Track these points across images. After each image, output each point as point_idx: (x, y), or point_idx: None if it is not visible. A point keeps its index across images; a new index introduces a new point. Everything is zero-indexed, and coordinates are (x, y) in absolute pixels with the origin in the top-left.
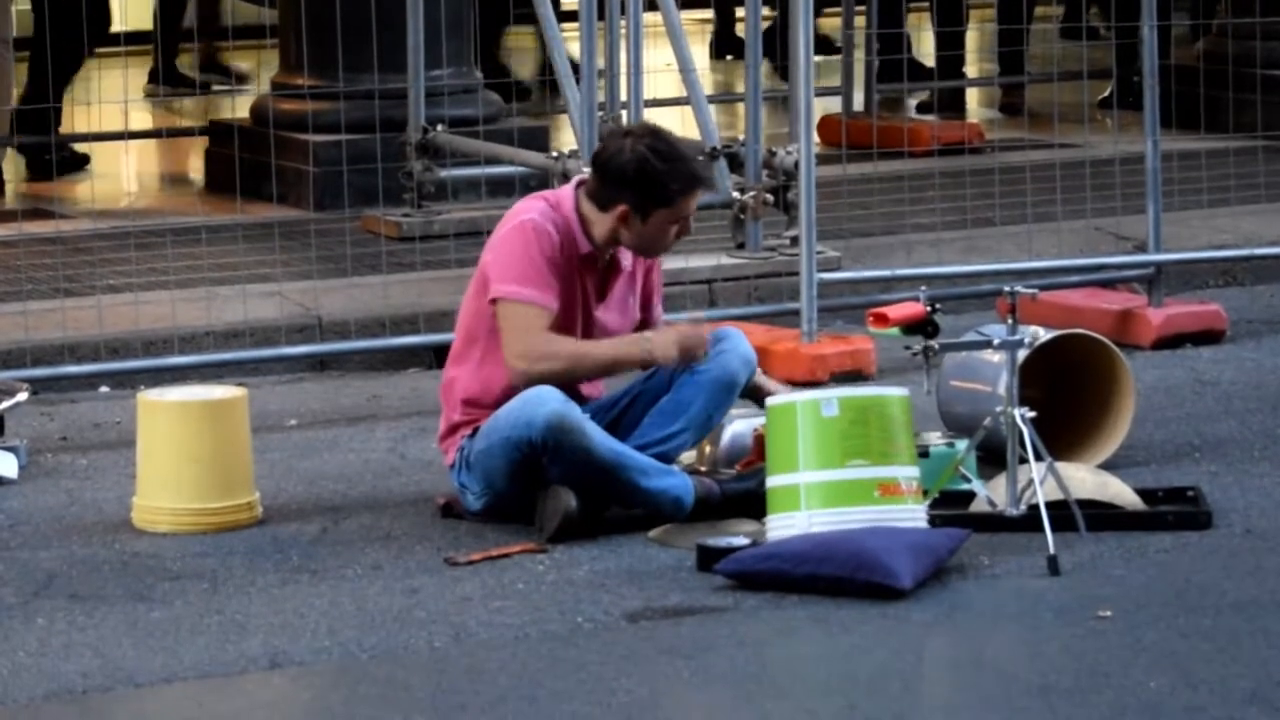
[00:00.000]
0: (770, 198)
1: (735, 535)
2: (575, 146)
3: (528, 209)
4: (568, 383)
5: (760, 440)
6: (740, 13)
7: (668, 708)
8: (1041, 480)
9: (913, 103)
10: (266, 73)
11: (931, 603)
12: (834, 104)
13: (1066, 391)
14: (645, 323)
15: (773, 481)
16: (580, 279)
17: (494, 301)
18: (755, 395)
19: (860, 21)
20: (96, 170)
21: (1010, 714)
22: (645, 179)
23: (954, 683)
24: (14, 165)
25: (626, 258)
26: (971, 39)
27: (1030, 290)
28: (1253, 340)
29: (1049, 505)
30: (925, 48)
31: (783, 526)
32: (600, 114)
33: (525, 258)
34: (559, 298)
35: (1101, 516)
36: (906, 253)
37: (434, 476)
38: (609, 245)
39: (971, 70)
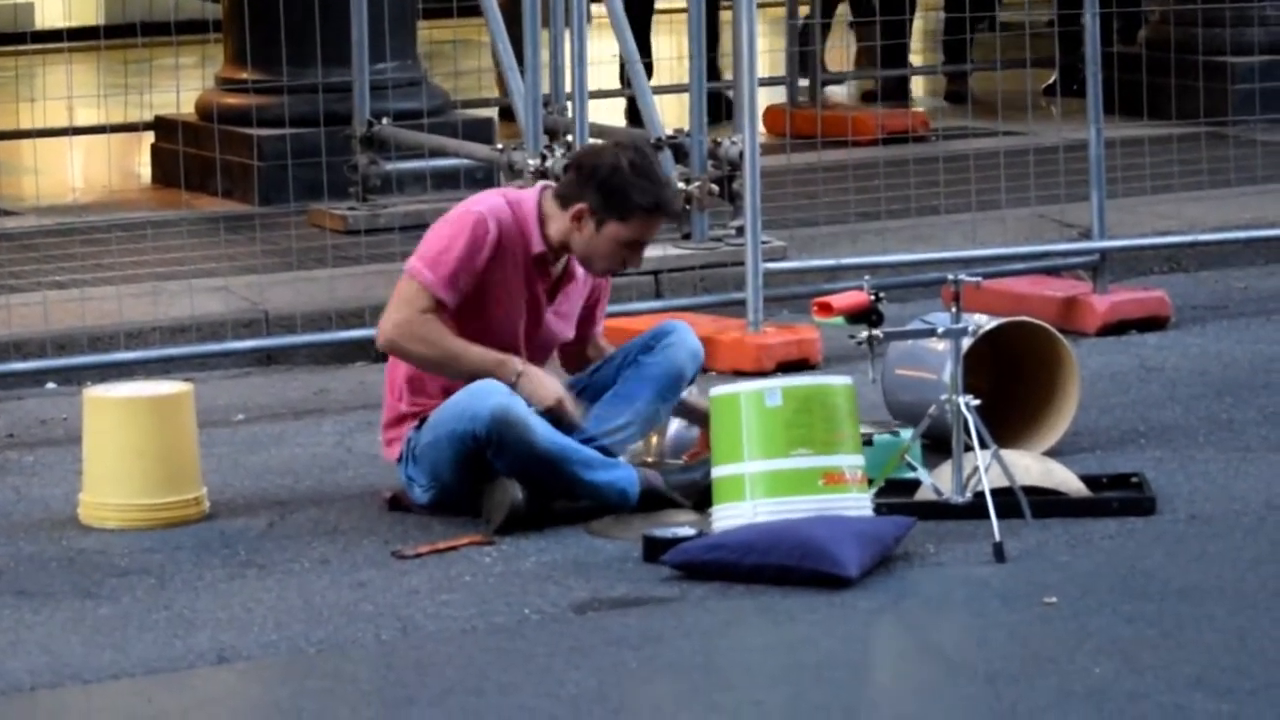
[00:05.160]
0: (715, 188)
1: (678, 526)
2: (519, 138)
3: (480, 201)
4: (426, 372)
5: (706, 431)
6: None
7: (615, 699)
8: (987, 468)
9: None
10: (210, 68)
11: (878, 591)
12: (779, 94)
13: (1012, 379)
14: (587, 331)
15: (718, 472)
16: (529, 279)
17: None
18: (684, 414)
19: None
20: (40, 166)
21: (957, 701)
22: (613, 184)
23: (901, 671)
24: None
25: (580, 266)
26: (917, 27)
27: (974, 278)
28: (1197, 326)
29: (994, 493)
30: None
31: (728, 517)
32: (545, 106)
33: (450, 248)
34: (464, 295)
35: (1047, 503)
36: (851, 242)
37: (381, 470)
38: (562, 248)
39: (916, 59)
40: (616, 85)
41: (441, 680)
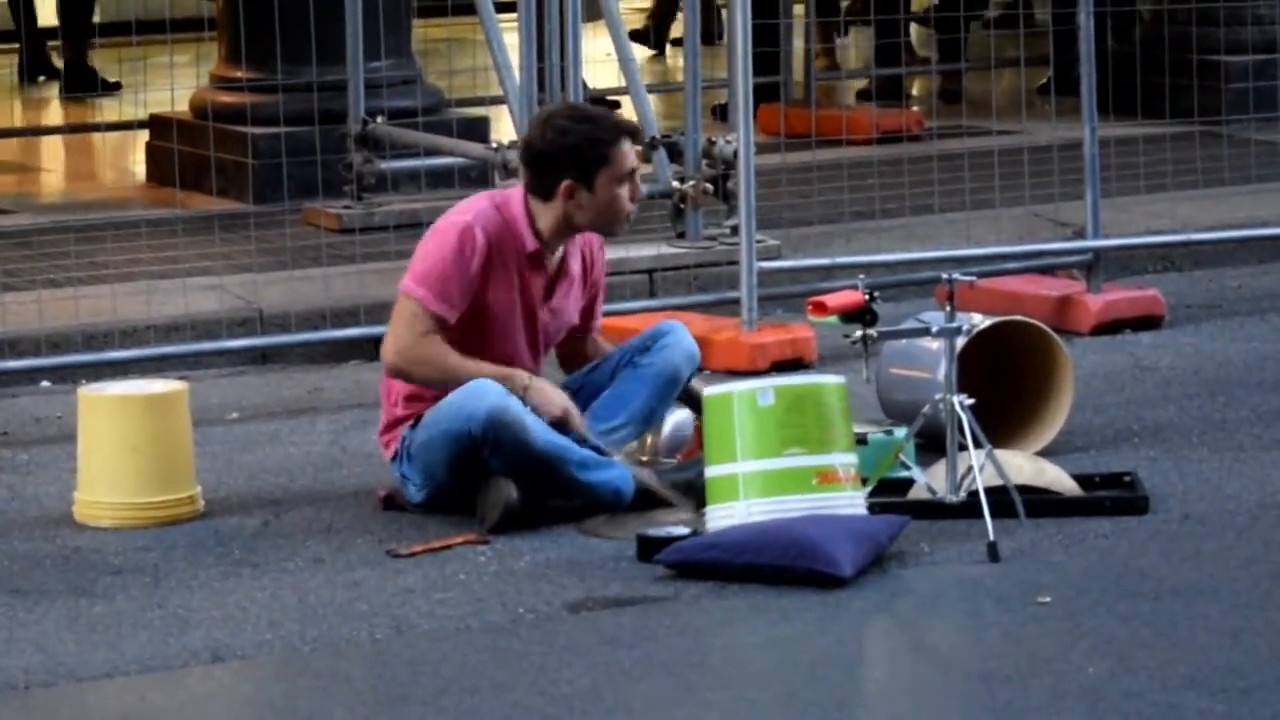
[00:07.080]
0: (710, 187)
1: (672, 525)
2: (515, 137)
3: (467, 209)
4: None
5: (701, 430)
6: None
7: (609, 698)
8: (980, 467)
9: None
10: (205, 66)
11: (872, 590)
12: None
13: (1006, 378)
14: (585, 328)
15: (711, 472)
16: (524, 278)
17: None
18: (690, 403)
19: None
20: (35, 164)
21: (950, 700)
22: (573, 147)
23: (894, 670)
24: None
25: (575, 263)
26: (912, 28)
27: (968, 277)
28: (1191, 325)
29: (988, 492)
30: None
31: (722, 517)
32: (540, 105)
33: (439, 262)
34: (462, 308)
35: (1041, 503)
36: (846, 241)
37: (375, 469)
38: (558, 237)
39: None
40: (610, 84)
41: (436, 679)
